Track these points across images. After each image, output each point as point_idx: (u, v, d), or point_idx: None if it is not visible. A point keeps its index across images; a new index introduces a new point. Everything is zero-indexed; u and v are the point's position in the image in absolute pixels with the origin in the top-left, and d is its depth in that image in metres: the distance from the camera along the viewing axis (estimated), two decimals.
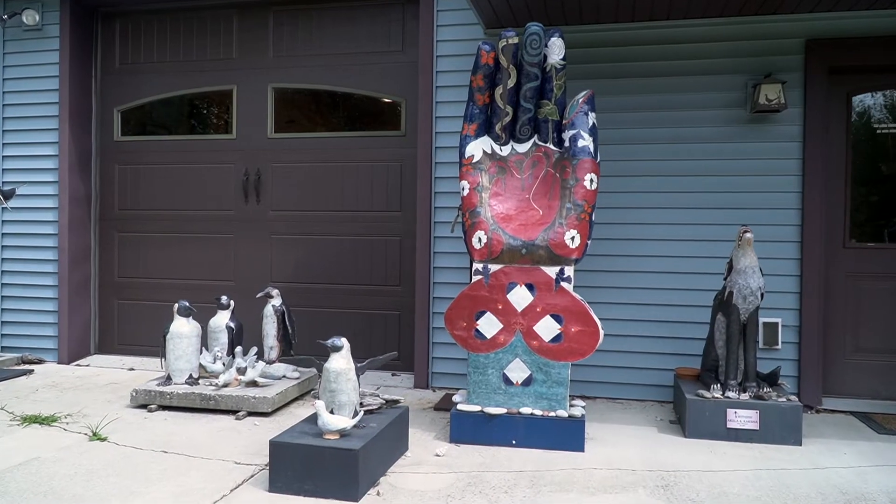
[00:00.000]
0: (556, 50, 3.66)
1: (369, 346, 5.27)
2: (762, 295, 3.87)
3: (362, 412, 3.13)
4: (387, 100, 5.24)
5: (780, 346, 4.46)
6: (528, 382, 3.64)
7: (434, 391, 4.84)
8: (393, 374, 5.16)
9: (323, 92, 5.35)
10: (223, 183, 5.52)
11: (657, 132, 4.60)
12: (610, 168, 4.63)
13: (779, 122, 4.47)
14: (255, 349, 4.45)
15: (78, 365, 5.52)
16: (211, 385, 4.25)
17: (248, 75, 5.46)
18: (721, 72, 4.54)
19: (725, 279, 3.99)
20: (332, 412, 3.08)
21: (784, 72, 4.44)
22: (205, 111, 5.61)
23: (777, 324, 4.46)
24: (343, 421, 2.97)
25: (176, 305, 4.30)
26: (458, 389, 4.84)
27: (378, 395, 3.39)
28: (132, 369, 5.37)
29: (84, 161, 5.68)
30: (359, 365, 3.21)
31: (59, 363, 5.54)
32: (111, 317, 5.78)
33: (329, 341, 3.11)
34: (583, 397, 4.67)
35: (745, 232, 3.84)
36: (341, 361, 3.10)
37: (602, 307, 4.62)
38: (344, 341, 3.12)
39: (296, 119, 5.45)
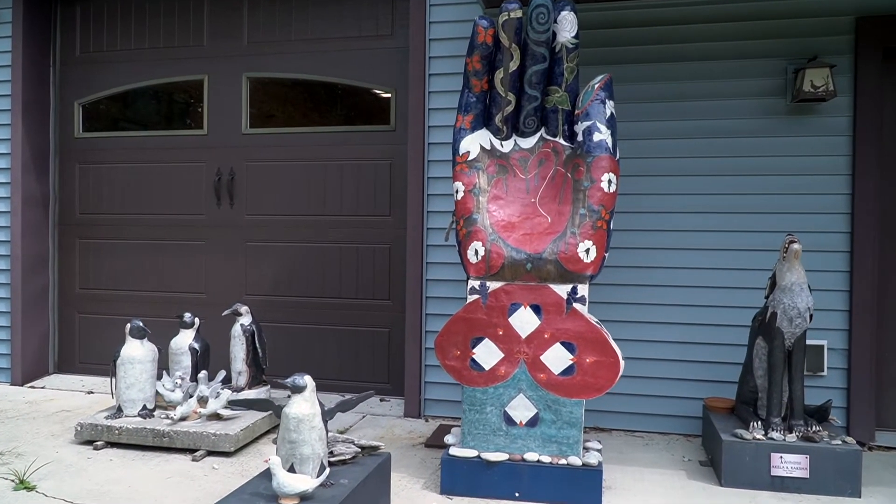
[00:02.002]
0: (567, 26, 3.07)
1: (356, 367, 4.69)
2: (811, 316, 3.27)
3: (329, 469, 2.55)
4: (374, 90, 4.65)
5: (825, 373, 3.86)
6: (533, 423, 3.05)
7: (427, 421, 4.25)
8: (382, 400, 4.58)
9: (303, 82, 4.77)
10: (193, 184, 4.94)
11: (683, 125, 4.00)
12: (629, 167, 4.03)
13: (824, 113, 3.86)
14: (222, 373, 3.88)
15: (32, 387, 4.95)
16: (168, 418, 3.67)
17: (220, 64, 4.88)
18: (757, 55, 3.93)
19: (767, 297, 3.40)
20: (291, 468, 2.50)
21: (830, 55, 3.83)
22: (173, 104, 5.04)
23: (822, 346, 3.85)
24: (304, 481, 2.39)
25: (128, 325, 3.74)
26: (454, 420, 4.26)
27: (352, 442, 2.80)
28: (91, 392, 4.80)
29: (41, 159, 5.11)
30: (327, 408, 2.63)
31: (11, 384, 4.97)
32: (71, 332, 5.21)
33: (290, 380, 2.53)
34: (597, 429, 4.07)
35: (792, 242, 3.23)
36: (304, 405, 2.51)
37: (619, 326, 4.02)
38: (307, 380, 2.53)
39: (273, 113, 4.87)
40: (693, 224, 4.00)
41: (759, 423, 3.31)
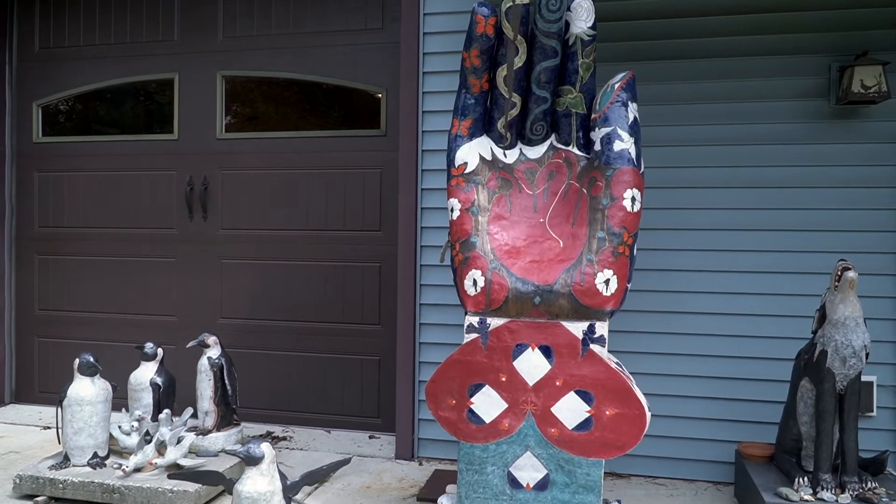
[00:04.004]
0: (582, 14, 2.59)
1: (342, 399, 4.22)
2: (867, 355, 2.80)
3: None
4: (363, 90, 4.18)
5: (874, 413, 3.39)
6: (543, 486, 2.57)
7: (421, 464, 3.78)
8: (371, 437, 4.10)
9: (284, 82, 4.29)
10: (163, 194, 4.47)
11: (711, 130, 3.53)
12: (649, 177, 3.55)
13: (872, 117, 3.39)
14: (189, 411, 3.40)
15: None
16: (120, 468, 3.19)
17: (192, 61, 4.40)
18: (795, 51, 3.45)
19: (814, 332, 2.92)
20: None
21: (879, 51, 3.36)
22: (141, 106, 4.56)
23: (871, 383, 3.38)
24: None
25: (76, 361, 3.26)
26: (451, 462, 3.78)
27: None
28: (48, 427, 4.32)
29: None
30: (289, 481, 2.15)
31: None
32: (30, 358, 4.73)
33: (243, 449, 2.06)
34: (613, 475, 3.60)
35: (846, 270, 2.76)
36: (260, 481, 2.04)
37: (638, 358, 3.55)
38: (265, 449, 2.06)
39: (251, 115, 4.39)
40: (723, 243, 3.52)
41: (806, 478, 2.84)
